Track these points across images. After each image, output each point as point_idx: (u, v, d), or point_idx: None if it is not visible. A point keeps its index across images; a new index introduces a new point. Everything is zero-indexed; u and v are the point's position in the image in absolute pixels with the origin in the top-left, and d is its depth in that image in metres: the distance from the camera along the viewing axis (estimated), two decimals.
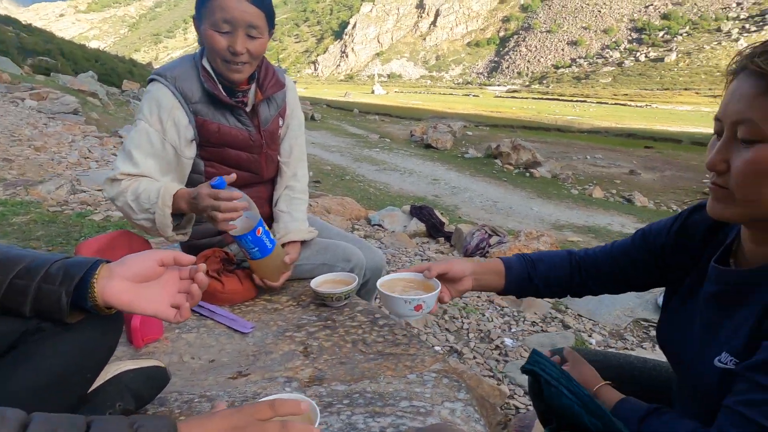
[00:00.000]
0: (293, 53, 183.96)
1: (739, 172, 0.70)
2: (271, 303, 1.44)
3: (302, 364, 1.13)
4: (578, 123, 28.22)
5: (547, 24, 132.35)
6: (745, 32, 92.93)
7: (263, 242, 1.29)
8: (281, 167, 1.62)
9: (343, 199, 4.36)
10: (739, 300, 0.78)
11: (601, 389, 0.94)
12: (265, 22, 1.34)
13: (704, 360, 0.80)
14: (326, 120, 22.10)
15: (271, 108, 1.52)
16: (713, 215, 0.77)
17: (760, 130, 0.67)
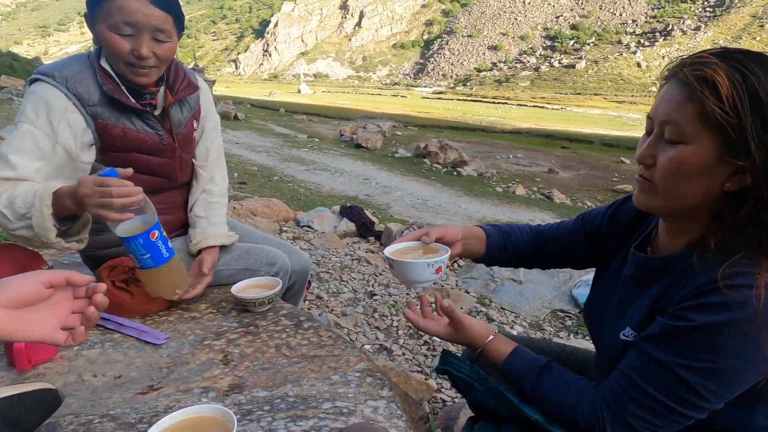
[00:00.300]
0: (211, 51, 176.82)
1: (662, 168, 0.77)
2: (189, 311, 1.36)
3: (221, 372, 1.08)
4: (501, 124, 29.60)
5: (468, 29, 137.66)
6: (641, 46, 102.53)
7: (158, 249, 1.09)
8: (197, 171, 1.55)
9: (270, 201, 4.25)
10: (648, 283, 0.87)
11: (493, 342, 0.95)
12: (173, 26, 1.26)
13: (613, 334, 0.88)
14: (251, 120, 21.44)
15: (184, 110, 1.45)
16: (638, 205, 0.85)
17: (683, 132, 0.73)
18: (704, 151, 0.72)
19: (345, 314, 2.45)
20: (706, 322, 0.70)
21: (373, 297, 2.69)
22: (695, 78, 0.72)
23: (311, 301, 2.55)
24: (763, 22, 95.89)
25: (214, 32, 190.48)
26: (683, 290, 0.76)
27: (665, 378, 0.73)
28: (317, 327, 1.29)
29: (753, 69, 0.71)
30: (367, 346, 2.19)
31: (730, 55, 0.73)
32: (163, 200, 1.47)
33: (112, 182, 1.01)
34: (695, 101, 0.72)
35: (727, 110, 0.69)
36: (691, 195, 0.76)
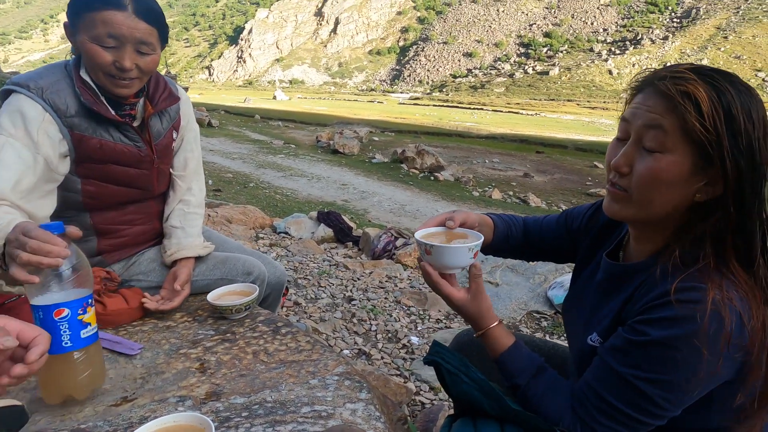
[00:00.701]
0: (184, 58, 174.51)
1: (640, 176, 0.78)
2: (164, 320, 1.34)
3: (198, 381, 1.07)
4: (477, 129, 29.99)
5: (444, 36, 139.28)
6: (612, 54, 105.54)
7: (58, 333, 0.87)
8: (175, 181, 1.52)
9: (246, 208, 4.21)
10: (615, 290, 0.90)
11: (498, 328, 0.94)
12: (157, 39, 1.24)
13: (583, 338, 0.91)
14: (225, 126, 21.19)
15: (164, 121, 1.43)
16: (610, 214, 0.87)
17: (664, 141, 0.76)
18: (682, 162, 0.75)
19: (323, 320, 2.44)
20: (659, 337, 0.73)
21: (352, 302, 2.69)
22: (678, 92, 0.74)
23: (289, 307, 2.54)
24: (727, 33, 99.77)
25: (187, 39, 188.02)
26: (642, 300, 0.79)
27: (626, 389, 0.77)
28: (295, 332, 1.28)
29: (727, 88, 0.74)
30: (345, 351, 2.19)
31: (705, 73, 0.76)
32: (138, 210, 1.45)
33: (36, 235, 0.87)
34: (677, 114, 0.74)
35: (707, 126, 0.73)
36: (665, 204, 0.79)
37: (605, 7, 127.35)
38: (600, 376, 0.81)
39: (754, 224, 0.76)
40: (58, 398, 0.93)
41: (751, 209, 0.75)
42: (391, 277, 3.12)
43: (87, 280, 0.92)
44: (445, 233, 1.02)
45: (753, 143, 0.74)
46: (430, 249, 0.94)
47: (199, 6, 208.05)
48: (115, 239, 1.42)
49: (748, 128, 0.73)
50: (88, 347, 0.93)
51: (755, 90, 0.78)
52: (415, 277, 3.22)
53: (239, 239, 3.44)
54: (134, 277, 1.46)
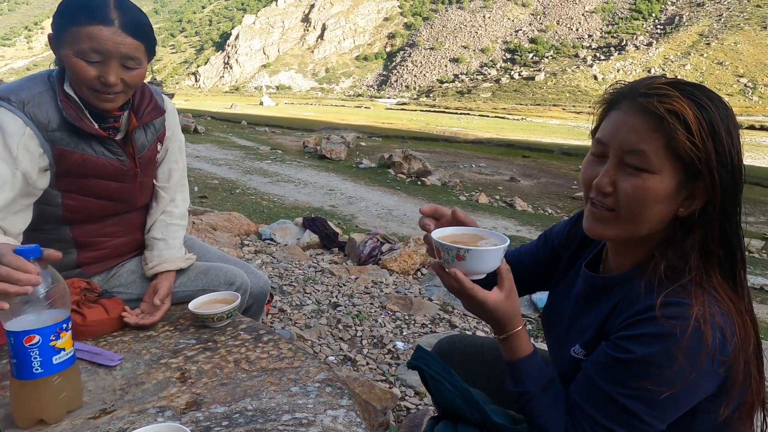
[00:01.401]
0: (170, 64, 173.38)
1: (627, 195, 0.77)
2: (145, 330, 1.33)
3: (178, 390, 1.06)
4: (463, 134, 30.15)
5: (430, 41, 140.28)
6: (597, 60, 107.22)
7: (28, 358, 0.87)
8: (158, 192, 1.50)
9: (231, 215, 4.19)
10: (596, 302, 0.90)
11: (522, 331, 0.88)
12: (144, 53, 1.23)
13: (564, 349, 0.91)
14: (211, 132, 21.06)
15: (149, 133, 1.40)
16: (592, 235, 0.85)
17: (649, 161, 0.75)
18: (668, 180, 0.75)
19: (308, 326, 2.44)
20: (643, 354, 0.73)
21: (337, 308, 2.69)
22: (666, 111, 0.74)
23: (274, 314, 2.53)
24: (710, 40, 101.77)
25: (173, 45, 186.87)
26: (624, 314, 0.79)
27: (612, 406, 0.77)
28: (277, 340, 1.29)
29: (706, 102, 0.75)
30: (331, 357, 2.19)
31: (685, 88, 0.76)
32: (119, 222, 1.43)
33: (7, 261, 0.86)
34: (664, 133, 0.74)
35: (697, 143, 0.73)
36: (651, 221, 0.79)
37: (590, 13, 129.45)
38: (587, 394, 0.81)
39: (735, 236, 0.77)
40: (29, 422, 0.92)
41: (734, 221, 0.77)
42: (377, 282, 3.13)
43: (63, 303, 0.91)
44: (459, 235, 0.93)
45: (733, 156, 0.75)
46: (464, 254, 0.84)
47: (185, 12, 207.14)
48: (95, 251, 1.40)
49: (728, 141, 0.74)
50: (61, 372, 0.92)
51: (726, 101, 0.79)
52: (400, 282, 3.23)
53: (224, 247, 3.42)
54: (114, 289, 1.44)
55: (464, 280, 0.83)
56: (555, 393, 0.86)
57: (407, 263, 3.44)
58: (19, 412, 0.92)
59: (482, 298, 0.84)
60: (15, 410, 0.92)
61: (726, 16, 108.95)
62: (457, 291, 0.85)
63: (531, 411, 0.86)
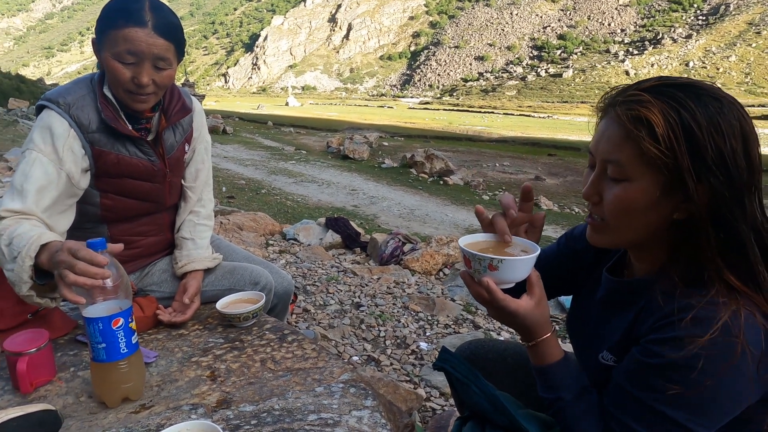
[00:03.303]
0: (202, 66, 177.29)
1: (610, 205, 0.78)
2: (176, 328, 1.38)
3: (209, 389, 1.10)
4: (487, 133, 29.89)
5: (455, 40, 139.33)
6: (629, 55, 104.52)
7: (116, 340, 0.98)
8: (186, 192, 1.56)
9: (256, 215, 4.27)
10: (620, 306, 0.88)
11: (552, 337, 0.86)
12: (174, 54, 1.27)
13: (592, 355, 0.89)
14: (239, 133, 21.44)
15: (177, 134, 1.45)
16: (592, 243, 0.86)
17: (626, 171, 0.74)
18: (648, 187, 0.74)
19: (332, 326, 2.48)
20: (678, 358, 0.70)
21: (360, 308, 2.72)
22: (629, 118, 0.73)
23: (298, 314, 2.58)
24: (760, 29, 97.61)
25: (206, 47, 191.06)
26: (651, 318, 0.77)
27: (648, 414, 0.74)
28: (301, 340, 1.31)
29: (687, 103, 0.71)
30: (355, 357, 2.22)
31: (665, 90, 0.73)
32: (150, 222, 1.49)
33: (82, 255, 0.95)
34: (633, 141, 0.73)
35: (663, 150, 0.70)
36: (643, 228, 0.78)
37: (624, 7, 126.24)
38: (621, 404, 0.78)
39: (743, 238, 0.73)
40: (118, 401, 1.03)
41: (735, 224, 0.72)
42: (399, 282, 3.15)
43: (127, 292, 1.01)
44: (486, 242, 0.91)
45: (725, 155, 0.70)
46: (497, 264, 0.81)
47: (218, 14, 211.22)
48: (130, 250, 1.45)
49: (717, 141, 0.70)
50: (137, 351, 1.04)
51: (730, 98, 0.73)
52: (422, 282, 3.24)
53: (250, 246, 3.49)
54: (148, 287, 1.51)
55: (496, 290, 0.81)
56: (589, 400, 0.83)
57: (429, 263, 3.45)
58: (109, 393, 1.02)
59: (514, 309, 0.82)
60: (103, 392, 1.02)
61: None
62: (487, 302, 0.83)
63: (565, 418, 0.84)
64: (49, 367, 1.13)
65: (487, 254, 0.83)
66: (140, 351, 1.06)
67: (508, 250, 0.88)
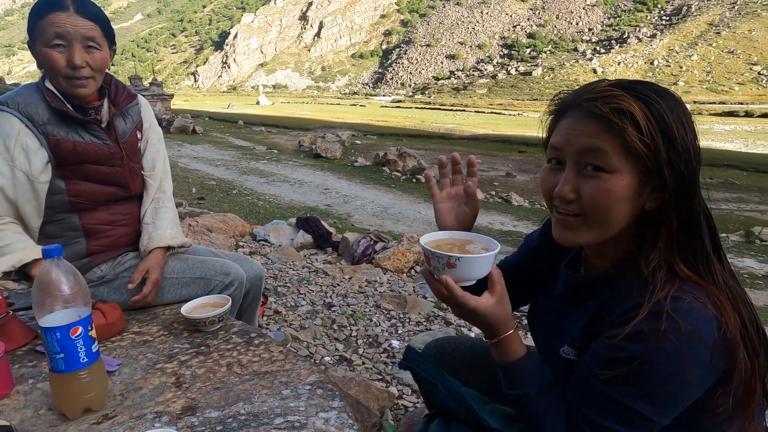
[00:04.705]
0: (170, 64, 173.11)
1: (592, 199, 0.77)
2: (141, 335, 1.36)
3: (174, 395, 1.09)
4: (459, 130, 30.18)
5: (427, 38, 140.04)
6: (597, 53, 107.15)
7: (76, 351, 0.95)
8: (146, 181, 1.63)
9: (226, 216, 4.21)
10: (579, 301, 0.90)
11: (514, 334, 0.86)
12: (101, 35, 1.37)
13: (553, 349, 0.91)
14: (209, 133, 21.05)
15: (128, 121, 1.55)
16: (565, 243, 0.84)
17: (608, 162, 0.75)
18: (629, 178, 0.76)
19: (303, 327, 2.47)
20: (638, 352, 0.72)
21: (332, 308, 2.72)
22: (612, 110, 0.75)
23: (269, 316, 2.56)
24: (720, 29, 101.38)
25: (174, 45, 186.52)
26: (613, 313, 0.78)
27: (612, 407, 0.76)
28: (268, 342, 1.31)
29: (655, 98, 0.75)
30: (327, 358, 2.22)
31: (631, 87, 0.77)
32: (122, 211, 1.56)
33: None
34: (615, 133, 0.74)
35: (645, 139, 0.73)
36: (620, 220, 0.79)
37: (591, 7, 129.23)
38: (585, 397, 0.79)
39: (700, 226, 0.77)
40: (79, 412, 1.00)
41: (697, 212, 0.77)
42: (371, 281, 3.16)
43: (85, 299, 0.99)
44: (448, 240, 0.92)
45: (689, 147, 0.75)
46: (455, 261, 0.81)
47: (186, 12, 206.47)
48: (102, 239, 1.51)
49: (682, 134, 0.75)
50: (98, 360, 1.01)
51: (678, 94, 0.79)
52: (394, 280, 3.26)
53: (220, 248, 3.44)
54: (120, 275, 1.53)
55: (455, 288, 0.81)
56: (553, 395, 0.84)
57: (401, 261, 3.47)
58: (70, 404, 0.99)
59: (473, 306, 0.82)
60: (63, 404, 0.99)
61: (740, 3, 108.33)
62: (447, 299, 0.83)
63: (530, 414, 0.85)
64: (5, 380, 1.09)
65: (445, 252, 0.83)
66: (102, 360, 1.03)
67: (468, 247, 0.88)
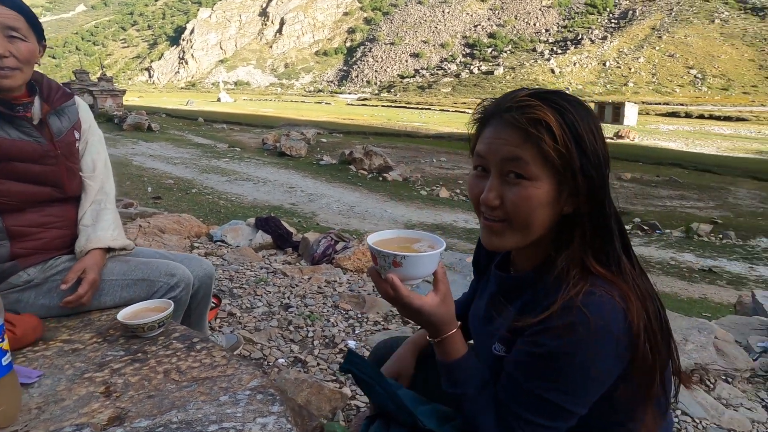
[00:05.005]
0: (121, 59, 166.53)
1: (514, 205, 0.81)
2: (70, 343, 1.28)
3: (101, 405, 1.02)
4: (425, 129, 30.39)
5: (390, 36, 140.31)
6: (554, 54, 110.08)
7: None
8: (86, 183, 1.56)
9: (181, 216, 4.07)
10: (508, 299, 0.93)
11: (457, 334, 0.89)
12: (26, 26, 1.31)
13: (486, 347, 0.94)
14: (166, 130, 20.42)
15: (64, 121, 1.49)
16: (491, 248, 0.88)
17: (527, 170, 0.79)
18: (547, 184, 0.80)
19: (258, 329, 2.41)
20: (556, 347, 0.76)
21: (289, 309, 2.67)
22: (528, 120, 0.78)
23: (222, 318, 2.48)
24: (661, 33, 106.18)
25: (124, 39, 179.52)
26: (534, 311, 0.82)
27: (535, 401, 0.80)
28: (210, 347, 1.26)
29: (568, 108, 0.79)
30: (281, 360, 2.17)
31: (547, 97, 0.81)
32: (56, 213, 1.46)
33: None
34: (533, 142, 0.78)
35: (560, 148, 0.77)
36: (541, 224, 0.83)
37: (546, 8, 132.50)
38: (511, 393, 0.83)
39: (611, 228, 0.81)
40: None
41: (608, 214, 0.81)
42: (330, 281, 3.12)
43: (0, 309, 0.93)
44: (395, 239, 0.92)
45: (599, 154, 0.80)
46: (401, 260, 0.82)
47: (137, 4, 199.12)
48: (29, 242, 1.41)
49: (593, 141, 0.79)
50: (11, 372, 0.95)
51: (587, 104, 0.84)
52: (354, 280, 3.23)
53: (172, 250, 3.32)
54: (51, 278, 1.44)
55: (400, 287, 0.83)
56: (489, 394, 0.87)
57: (361, 261, 3.44)
58: None
59: (418, 305, 0.84)
60: None
61: (676, 10, 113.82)
62: (393, 299, 0.85)
63: (467, 412, 0.87)
64: None
65: (390, 250, 0.83)
66: (14, 372, 0.96)
67: (415, 246, 0.89)
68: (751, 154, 25.43)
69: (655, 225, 9.79)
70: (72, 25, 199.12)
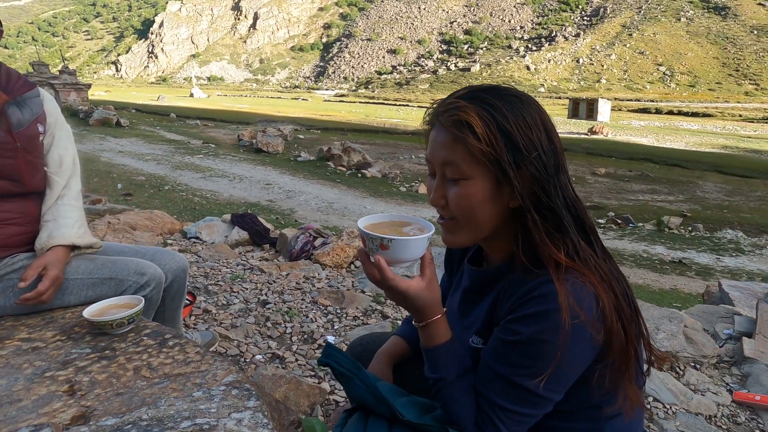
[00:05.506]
0: (84, 52, 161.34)
1: (455, 204, 0.83)
2: (30, 341, 1.21)
3: (64, 405, 0.97)
4: (403, 125, 30.37)
5: (367, 32, 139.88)
6: (529, 50, 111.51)
7: None
8: (51, 178, 1.48)
9: (153, 213, 3.94)
10: (481, 293, 0.94)
11: (442, 319, 0.89)
12: None
13: (463, 341, 0.94)
14: (137, 126, 19.88)
15: (25, 112, 1.41)
16: (450, 245, 0.91)
17: (461, 170, 0.81)
18: (483, 182, 0.81)
19: (235, 326, 2.35)
20: (529, 334, 0.77)
21: (266, 306, 2.61)
22: (452, 123, 0.80)
23: (197, 315, 2.41)
24: (632, 31, 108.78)
25: (87, 31, 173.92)
26: (508, 301, 0.83)
27: (511, 389, 0.81)
28: (184, 344, 1.21)
29: (497, 104, 0.80)
30: (258, 356, 2.12)
31: (477, 95, 0.82)
32: (14, 209, 1.38)
33: None
34: (460, 143, 0.80)
35: (485, 146, 0.78)
36: (489, 220, 0.84)
37: (521, 5, 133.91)
38: (488, 382, 0.84)
39: (561, 216, 0.81)
40: None
41: (556, 204, 0.81)
42: (309, 277, 3.07)
43: None
44: (386, 223, 0.93)
45: (537, 145, 0.80)
46: (388, 243, 0.83)
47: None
48: None
49: (527, 134, 0.79)
50: None
51: (527, 96, 0.85)
52: (333, 276, 3.19)
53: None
54: (8, 276, 1.36)
55: (386, 269, 0.84)
56: (468, 381, 0.88)
57: (340, 257, 3.40)
58: None
59: (404, 288, 0.85)
60: None
61: (645, 8, 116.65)
62: (378, 281, 0.86)
63: (444, 397, 0.88)
64: None
65: (378, 233, 0.84)
66: None
67: (405, 230, 0.90)
68: (717, 148, 26.27)
69: (628, 219, 10.02)
70: (25, 13, 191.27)
